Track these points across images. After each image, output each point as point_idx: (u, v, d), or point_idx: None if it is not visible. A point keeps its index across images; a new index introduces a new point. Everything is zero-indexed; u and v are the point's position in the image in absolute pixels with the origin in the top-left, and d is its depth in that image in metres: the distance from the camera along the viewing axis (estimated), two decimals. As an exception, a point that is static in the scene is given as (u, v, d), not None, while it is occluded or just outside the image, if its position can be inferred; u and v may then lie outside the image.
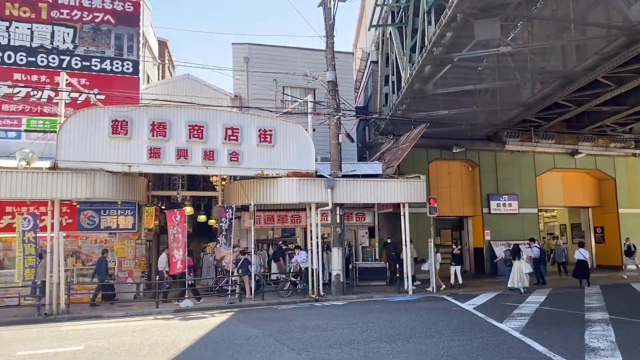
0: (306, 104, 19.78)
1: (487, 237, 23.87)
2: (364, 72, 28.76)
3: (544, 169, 25.65)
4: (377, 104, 24.50)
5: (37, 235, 14.80)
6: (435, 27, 15.27)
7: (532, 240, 21.27)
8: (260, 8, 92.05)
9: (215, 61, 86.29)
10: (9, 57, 17.64)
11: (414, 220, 19.06)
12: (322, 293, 16.82)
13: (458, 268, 19.27)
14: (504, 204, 24.48)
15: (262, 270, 18.29)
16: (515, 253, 17.91)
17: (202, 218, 23.41)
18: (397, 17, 21.04)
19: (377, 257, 21.62)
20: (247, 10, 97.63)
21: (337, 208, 17.68)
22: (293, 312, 14.22)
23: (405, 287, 17.85)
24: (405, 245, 17.95)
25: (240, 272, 16.95)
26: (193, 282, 17.13)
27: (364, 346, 9.13)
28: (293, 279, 17.93)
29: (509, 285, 17.54)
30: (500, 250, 21.40)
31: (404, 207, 18.14)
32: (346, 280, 18.00)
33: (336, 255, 17.54)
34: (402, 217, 18.12)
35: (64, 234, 15.77)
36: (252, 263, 17.04)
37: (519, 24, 16.69)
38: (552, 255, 24.45)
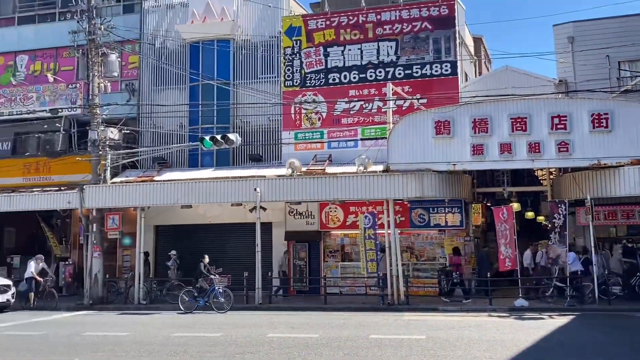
0: (651, 78, 16.83)
1: None
2: None
3: None
4: None
5: (376, 232, 16.45)
6: None
7: None
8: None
9: (534, 48, 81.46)
10: (345, 77, 20.14)
11: None
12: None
13: None
14: None
15: (605, 272, 16.27)
16: None
17: (529, 215, 22.23)
18: None
19: None
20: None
21: None
22: (651, 322, 12.20)
23: None
24: None
25: (579, 273, 15.54)
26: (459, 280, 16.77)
27: None
28: (559, 283, 15.37)
29: None
30: None
31: None
32: None
33: None
34: None
35: (399, 231, 17.13)
36: (593, 264, 15.27)
37: None
38: None
